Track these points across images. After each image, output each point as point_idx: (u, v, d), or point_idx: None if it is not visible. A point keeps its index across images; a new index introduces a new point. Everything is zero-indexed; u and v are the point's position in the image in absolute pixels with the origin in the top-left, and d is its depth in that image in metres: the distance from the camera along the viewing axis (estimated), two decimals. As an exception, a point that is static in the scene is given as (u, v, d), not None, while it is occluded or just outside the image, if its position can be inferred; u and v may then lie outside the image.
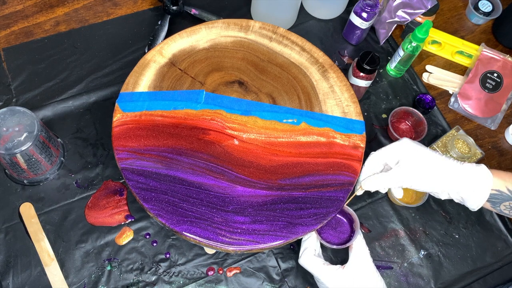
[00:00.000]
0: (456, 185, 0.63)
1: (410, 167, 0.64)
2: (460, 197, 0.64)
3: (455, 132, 0.87)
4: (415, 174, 0.64)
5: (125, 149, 0.67)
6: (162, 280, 0.73)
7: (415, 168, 0.64)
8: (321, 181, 0.68)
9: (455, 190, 0.64)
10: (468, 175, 0.63)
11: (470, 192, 0.63)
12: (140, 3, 0.97)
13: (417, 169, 0.64)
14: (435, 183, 0.64)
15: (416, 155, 0.64)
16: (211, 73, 0.75)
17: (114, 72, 0.89)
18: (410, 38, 0.86)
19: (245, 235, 0.63)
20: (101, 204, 0.77)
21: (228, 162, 0.68)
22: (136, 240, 0.76)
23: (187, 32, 0.78)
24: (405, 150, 0.65)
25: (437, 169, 0.64)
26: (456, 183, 0.63)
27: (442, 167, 0.64)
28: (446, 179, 0.64)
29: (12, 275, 0.72)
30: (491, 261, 0.79)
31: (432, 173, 0.64)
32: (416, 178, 0.64)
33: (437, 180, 0.64)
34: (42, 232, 0.74)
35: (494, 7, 1.03)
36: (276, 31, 0.79)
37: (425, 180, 0.64)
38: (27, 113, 0.71)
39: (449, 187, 0.64)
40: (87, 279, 0.72)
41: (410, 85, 0.94)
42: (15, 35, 0.91)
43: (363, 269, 0.65)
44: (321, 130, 0.72)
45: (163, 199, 0.64)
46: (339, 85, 0.76)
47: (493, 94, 0.93)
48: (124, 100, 0.71)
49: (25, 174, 0.75)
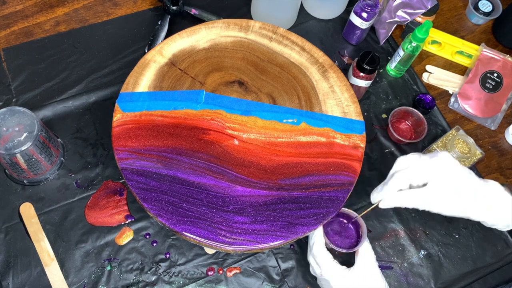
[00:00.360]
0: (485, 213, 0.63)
1: (439, 191, 0.60)
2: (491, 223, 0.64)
3: (455, 132, 0.87)
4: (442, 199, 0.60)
5: (125, 149, 0.67)
6: (162, 280, 0.73)
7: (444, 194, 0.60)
8: (321, 181, 0.68)
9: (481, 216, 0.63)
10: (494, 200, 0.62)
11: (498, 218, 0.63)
12: (140, 3, 0.97)
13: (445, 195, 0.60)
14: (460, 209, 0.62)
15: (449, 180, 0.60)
16: (211, 73, 0.75)
17: (114, 72, 0.89)
18: (410, 38, 0.86)
19: (245, 235, 0.63)
20: (101, 204, 0.77)
21: (228, 162, 0.68)
22: (136, 240, 0.76)
23: (187, 32, 0.78)
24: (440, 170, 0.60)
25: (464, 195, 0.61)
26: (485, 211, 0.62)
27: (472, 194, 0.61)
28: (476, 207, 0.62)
29: (12, 275, 0.72)
30: (491, 261, 0.79)
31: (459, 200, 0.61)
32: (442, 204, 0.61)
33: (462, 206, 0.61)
34: (42, 232, 0.74)
35: (494, 7, 1.03)
36: (276, 31, 0.79)
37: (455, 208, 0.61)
38: (27, 113, 0.71)
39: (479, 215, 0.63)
40: (87, 279, 0.72)
41: (410, 85, 0.94)
42: (15, 35, 0.91)
43: (369, 273, 0.65)
44: (321, 130, 0.72)
45: (163, 199, 0.64)
46: (339, 85, 0.76)
47: (493, 94, 0.93)
48: (124, 100, 0.71)
49: (25, 174, 0.75)
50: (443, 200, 0.61)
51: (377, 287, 0.65)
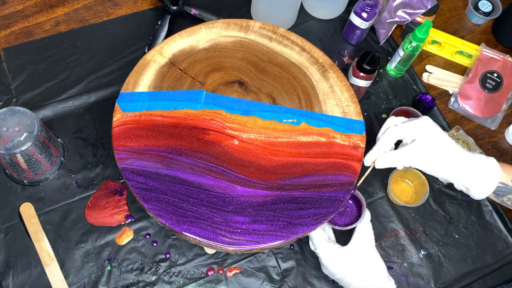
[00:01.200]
0: (465, 173, 0.65)
1: (425, 147, 0.64)
2: (465, 186, 0.66)
3: (455, 132, 0.87)
4: (429, 155, 0.64)
5: (125, 149, 0.67)
6: (162, 280, 0.73)
7: (430, 150, 0.64)
8: (321, 181, 0.68)
9: (463, 177, 0.65)
10: (478, 165, 0.65)
11: (477, 182, 0.65)
12: (140, 3, 0.97)
13: (432, 151, 0.64)
14: (446, 168, 0.65)
15: (434, 137, 0.65)
16: (211, 73, 0.75)
17: (114, 72, 0.89)
18: (410, 38, 0.86)
19: (245, 235, 0.63)
20: (101, 204, 0.77)
21: (228, 162, 0.68)
22: (136, 240, 0.76)
23: (187, 32, 0.78)
24: (424, 129, 0.65)
25: (450, 154, 0.64)
26: (466, 171, 0.64)
27: (455, 153, 0.65)
28: (457, 166, 0.64)
29: (12, 275, 0.72)
30: (491, 261, 0.79)
31: (445, 157, 0.64)
32: (429, 159, 0.65)
33: (448, 165, 0.65)
34: (42, 232, 0.74)
35: (494, 7, 1.03)
36: (276, 31, 0.79)
37: (437, 164, 0.65)
38: (27, 113, 0.71)
39: (458, 174, 0.65)
40: (87, 279, 0.72)
41: (410, 85, 0.94)
42: (15, 35, 0.91)
43: (364, 252, 0.66)
44: (321, 130, 0.72)
45: (163, 199, 0.64)
46: (339, 85, 0.76)
47: (493, 94, 0.93)
48: (124, 100, 0.71)
49: (25, 174, 0.75)
50: (430, 156, 0.64)
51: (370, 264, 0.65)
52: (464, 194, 0.84)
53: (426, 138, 0.65)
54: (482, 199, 0.83)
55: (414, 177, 0.82)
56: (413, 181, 0.82)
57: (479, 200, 0.84)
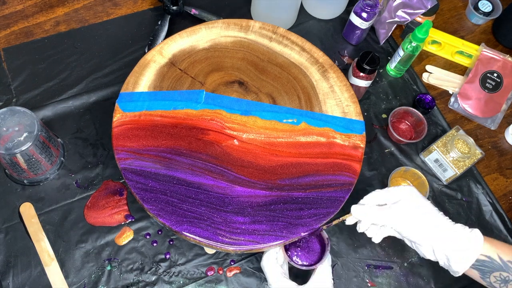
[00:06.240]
0: (443, 243, 0.61)
1: (405, 211, 0.62)
2: (446, 258, 0.61)
3: (455, 132, 0.87)
4: (407, 219, 0.62)
5: (125, 149, 0.67)
6: (162, 280, 0.73)
7: (410, 214, 0.62)
8: (321, 181, 0.68)
9: (441, 248, 0.61)
10: (458, 235, 0.60)
11: (456, 253, 0.60)
12: (140, 3, 0.97)
13: (411, 215, 0.62)
14: (424, 235, 0.61)
15: (415, 203, 0.62)
16: (211, 73, 0.75)
17: (114, 72, 0.89)
18: (410, 38, 0.86)
19: (245, 235, 0.63)
20: (100, 204, 0.77)
21: (228, 163, 0.68)
22: (136, 240, 0.76)
23: (187, 32, 0.78)
24: (407, 195, 0.63)
25: (429, 222, 0.62)
26: (444, 241, 0.61)
27: (434, 221, 0.62)
28: (435, 234, 0.61)
29: (12, 275, 0.72)
30: (491, 261, 0.79)
31: (423, 224, 0.62)
32: (407, 223, 0.62)
33: (426, 233, 0.61)
34: (42, 232, 0.75)
35: (494, 7, 1.03)
36: (276, 31, 0.79)
37: (415, 229, 0.62)
38: (27, 113, 0.71)
39: (436, 243, 0.61)
40: (87, 279, 0.72)
41: (410, 85, 0.94)
42: (15, 35, 0.91)
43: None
44: (321, 130, 0.72)
45: (163, 200, 0.64)
46: (339, 85, 0.76)
47: (493, 94, 0.93)
48: (124, 100, 0.71)
49: (25, 174, 0.75)
50: (408, 218, 0.62)
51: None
52: (464, 194, 0.84)
53: (408, 202, 0.62)
54: (482, 199, 0.83)
55: (414, 177, 0.82)
56: (413, 181, 0.82)
57: (479, 200, 0.84)
